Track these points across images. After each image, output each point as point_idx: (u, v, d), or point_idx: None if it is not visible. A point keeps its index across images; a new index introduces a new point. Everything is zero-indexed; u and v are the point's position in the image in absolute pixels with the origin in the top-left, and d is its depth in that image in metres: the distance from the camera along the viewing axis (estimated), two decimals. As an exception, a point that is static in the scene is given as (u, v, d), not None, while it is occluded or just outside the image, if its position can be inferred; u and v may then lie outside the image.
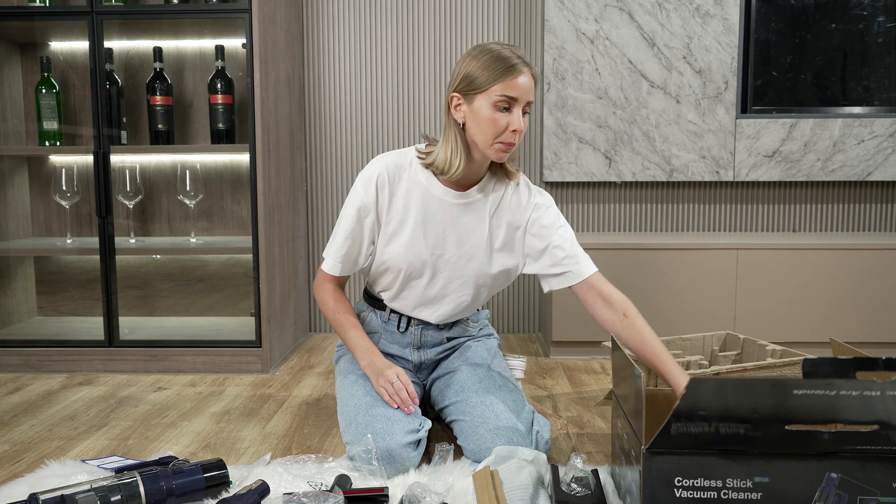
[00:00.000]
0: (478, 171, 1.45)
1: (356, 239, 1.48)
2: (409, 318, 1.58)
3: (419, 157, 1.46)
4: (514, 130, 1.34)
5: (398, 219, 1.46)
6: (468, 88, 1.35)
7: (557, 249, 1.47)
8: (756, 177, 2.52)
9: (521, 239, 1.51)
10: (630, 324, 1.39)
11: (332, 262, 1.52)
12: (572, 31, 2.47)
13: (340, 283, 1.57)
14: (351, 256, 1.50)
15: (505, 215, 1.49)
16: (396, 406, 1.39)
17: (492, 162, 1.47)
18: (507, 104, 1.33)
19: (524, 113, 1.36)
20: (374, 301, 1.61)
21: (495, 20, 2.58)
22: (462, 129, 1.39)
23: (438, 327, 1.59)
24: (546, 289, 1.52)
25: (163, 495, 1.17)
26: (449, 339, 1.62)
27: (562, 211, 2.64)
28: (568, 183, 2.61)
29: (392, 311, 1.58)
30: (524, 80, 1.33)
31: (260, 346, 2.16)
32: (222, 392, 1.97)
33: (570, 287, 1.47)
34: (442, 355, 1.62)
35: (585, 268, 1.47)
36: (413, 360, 1.60)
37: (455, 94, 1.38)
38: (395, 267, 1.48)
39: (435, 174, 1.45)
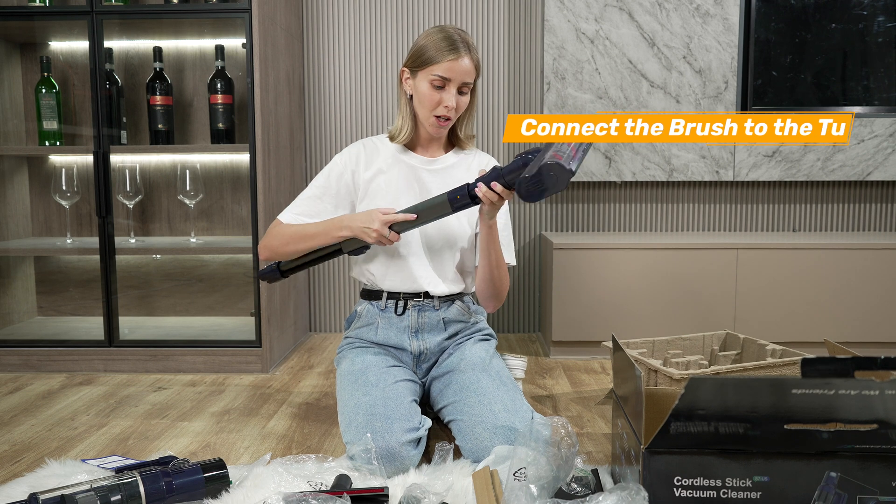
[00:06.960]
0: (440, 141, 1.62)
1: (327, 193, 1.58)
2: (406, 301, 1.59)
3: (388, 136, 1.64)
4: (446, 106, 1.50)
5: (374, 189, 1.58)
6: (414, 65, 1.52)
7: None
8: (756, 176, 2.52)
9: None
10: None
11: (292, 214, 1.58)
12: (572, 30, 2.47)
13: None
14: (314, 211, 1.57)
15: (467, 178, 1.61)
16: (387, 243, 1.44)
17: (452, 133, 1.63)
18: (441, 83, 1.49)
19: (462, 93, 1.52)
20: (370, 294, 1.64)
21: (495, 20, 2.58)
22: (410, 101, 1.57)
23: (435, 308, 1.60)
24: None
25: (163, 495, 1.17)
26: (447, 325, 1.62)
27: (562, 211, 2.65)
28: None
29: (389, 296, 1.60)
30: (457, 64, 1.48)
31: (260, 346, 2.16)
32: (222, 392, 1.97)
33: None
34: (441, 347, 1.62)
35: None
36: (413, 349, 1.60)
37: (405, 68, 1.55)
38: None
39: (406, 145, 1.61)
